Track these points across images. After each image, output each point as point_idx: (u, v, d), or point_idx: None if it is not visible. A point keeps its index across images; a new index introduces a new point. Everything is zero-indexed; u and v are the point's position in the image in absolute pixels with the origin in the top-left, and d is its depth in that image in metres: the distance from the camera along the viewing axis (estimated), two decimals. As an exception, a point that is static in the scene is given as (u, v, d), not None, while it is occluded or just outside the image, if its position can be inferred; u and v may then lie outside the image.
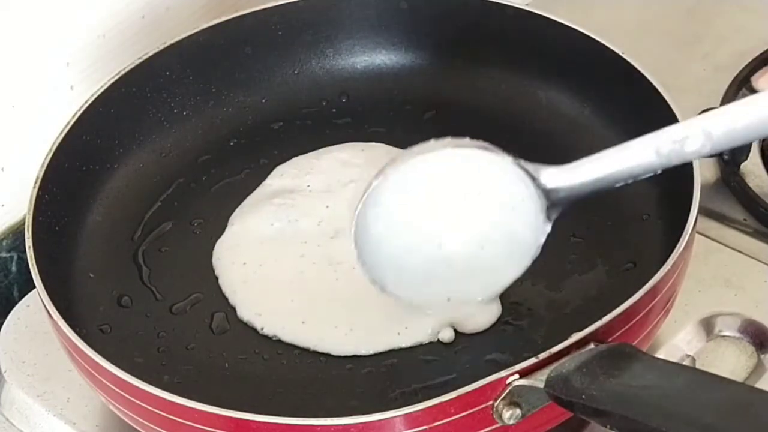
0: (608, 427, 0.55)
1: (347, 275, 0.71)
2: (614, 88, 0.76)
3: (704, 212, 0.78)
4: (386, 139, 0.80)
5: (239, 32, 0.82)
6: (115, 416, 0.66)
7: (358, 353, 0.68)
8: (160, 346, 0.69)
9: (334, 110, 0.83)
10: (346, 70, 0.84)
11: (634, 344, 0.60)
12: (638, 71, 0.74)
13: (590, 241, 0.72)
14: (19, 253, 0.82)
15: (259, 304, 0.70)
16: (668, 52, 0.93)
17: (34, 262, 0.66)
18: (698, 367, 0.69)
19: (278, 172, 0.78)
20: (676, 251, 0.63)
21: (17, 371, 0.73)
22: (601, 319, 0.60)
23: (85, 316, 0.69)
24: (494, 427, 0.59)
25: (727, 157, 0.81)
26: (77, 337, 0.62)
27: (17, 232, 0.81)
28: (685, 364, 0.67)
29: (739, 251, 0.77)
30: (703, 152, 0.59)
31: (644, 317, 0.62)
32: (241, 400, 0.60)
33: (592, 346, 0.59)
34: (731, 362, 0.71)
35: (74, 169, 0.74)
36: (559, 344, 0.58)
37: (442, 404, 0.57)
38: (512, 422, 0.58)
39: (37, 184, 0.70)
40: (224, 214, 0.76)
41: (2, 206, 0.81)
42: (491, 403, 0.58)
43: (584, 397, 0.55)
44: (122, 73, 0.77)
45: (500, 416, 0.58)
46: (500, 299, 0.69)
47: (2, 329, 0.76)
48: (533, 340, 0.67)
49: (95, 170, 0.76)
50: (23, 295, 0.78)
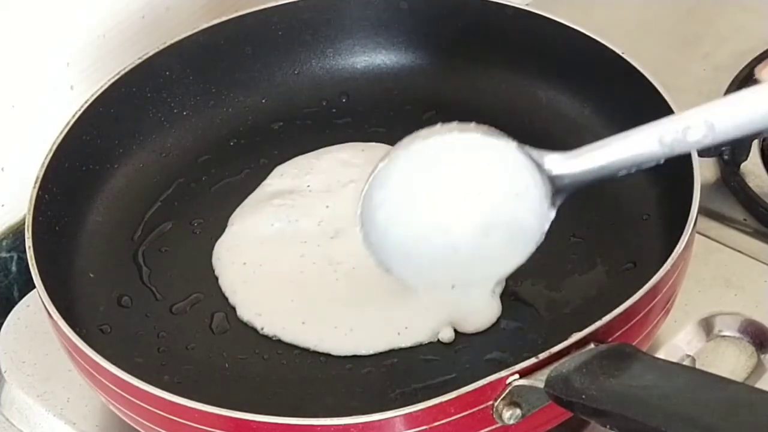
0: (608, 427, 0.55)
1: (347, 275, 0.71)
2: (614, 88, 0.76)
3: (704, 212, 0.78)
4: (386, 139, 0.79)
5: (239, 32, 0.82)
6: (115, 416, 0.66)
7: (358, 353, 0.67)
8: (160, 346, 0.69)
9: (334, 110, 0.83)
10: (346, 70, 0.84)
11: (634, 344, 0.60)
12: (638, 71, 0.74)
13: (590, 241, 0.72)
14: (19, 253, 0.81)
15: (259, 304, 0.70)
16: (668, 52, 0.93)
17: (34, 262, 0.66)
18: (698, 367, 0.69)
19: (278, 172, 0.78)
20: (676, 251, 0.63)
21: (17, 371, 0.73)
22: (601, 319, 0.60)
23: (85, 316, 0.69)
24: (494, 427, 0.59)
25: (727, 157, 0.81)
26: (77, 337, 0.62)
27: (17, 232, 0.81)
28: (685, 364, 0.67)
29: (739, 251, 0.77)
30: (705, 142, 0.60)
31: (644, 317, 0.62)
32: (241, 400, 0.60)
33: (592, 346, 0.59)
34: (731, 362, 0.71)
35: (74, 169, 0.74)
36: (559, 344, 0.58)
37: (442, 404, 0.57)
38: (512, 422, 0.58)
39: (37, 184, 0.70)
40: (224, 214, 0.76)
41: (2, 206, 0.81)
42: (491, 403, 0.58)
43: (584, 397, 0.55)
44: (122, 73, 0.77)
45: (500, 416, 0.58)
46: (500, 299, 0.69)
47: (2, 329, 0.76)
48: (533, 340, 0.67)
49: (95, 170, 0.76)
50: (23, 295, 0.78)
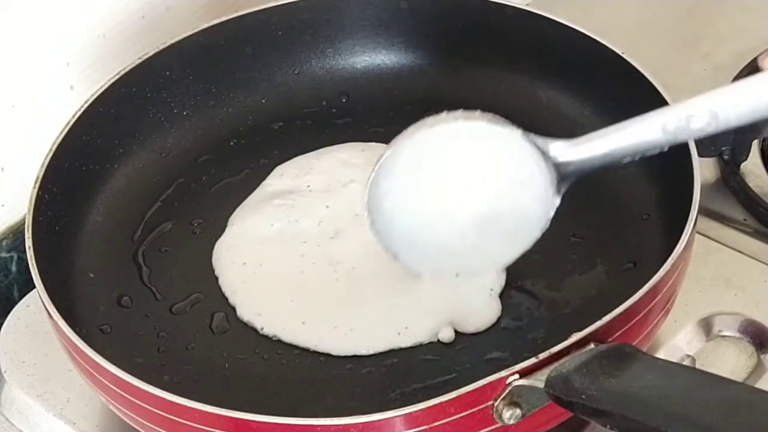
0: (608, 427, 0.55)
1: (347, 275, 0.71)
2: (614, 88, 0.76)
3: (704, 212, 0.78)
4: (386, 139, 0.78)
5: (239, 32, 0.82)
6: (115, 416, 0.66)
7: (358, 353, 0.67)
8: (160, 346, 0.69)
9: (334, 110, 0.83)
10: (346, 70, 0.84)
11: (634, 344, 0.60)
12: (638, 71, 0.74)
13: (590, 241, 0.72)
14: (19, 253, 0.81)
15: (259, 304, 0.70)
16: (668, 52, 0.93)
17: (34, 262, 0.66)
18: (698, 367, 0.69)
19: (278, 172, 0.78)
20: (676, 251, 0.63)
21: (17, 371, 0.73)
22: (601, 319, 0.60)
23: (85, 316, 0.69)
24: (494, 427, 0.59)
25: (727, 157, 0.81)
26: (77, 337, 0.62)
27: (17, 232, 0.81)
28: (685, 364, 0.67)
29: (739, 251, 0.77)
30: (708, 130, 0.60)
31: (644, 317, 0.62)
32: (241, 400, 0.60)
33: (592, 346, 0.59)
34: (731, 362, 0.71)
35: (74, 169, 0.74)
36: (559, 344, 0.58)
37: (442, 404, 0.57)
38: (512, 422, 0.58)
39: (37, 184, 0.70)
40: (224, 214, 0.76)
41: (2, 206, 0.81)
42: (491, 403, 0.58)
43: (584, 397, 0.55)
44: (122, 73, 0.77)
45: (500, 416, 0.58)
46: (500, 299, 0.69)
47: (2, 329, 0.76)
48: (533, 340, 0.67)
49: (95, 170, 0.76)
50: (23, 295, 0.78)
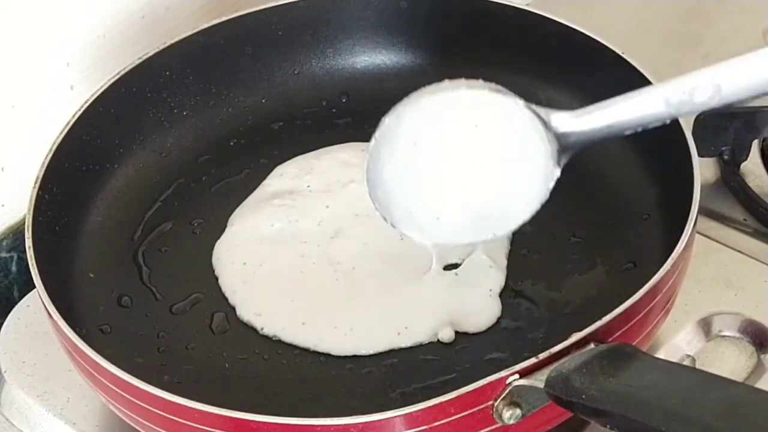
0: (608, 427, 0.55)
1: (347, 275, 0.71)
2: (614, 88, 0.76)
3: (704, 212, 0.78)
4: (386, 139, 0.79)
5: (239, 32, 0.82)
6: (115, 416, 0.66)
7: (358, 353, 0.67)
8: (160, 346, 0.69)
9: (334, 110, 0.83)
10: (346, 70, 0.84)
11: (634, 344, 0.60)
12: (638, 71, 0.74)
13: (590, 241, 0.72)
14: (19, 253, 0.81)
15: (259, 304, 0.70)
16: (668, 52, 0.93)
17: (34, 262, 0.66)
18: (698, 367, 0.69)
19: (278, 172, 0.78)
20: (676, 251, 0.63)
21: (17, 371, 0.73)
22: (601, 319, 0.60)
23: (85, 316, 0.69)
24: (494, 427, 0.59)
25: (727, 157, 0.81)
26: (77, 337, 0.62)
27: (17, 232, 0.81)
28: (685, 364, 0.67)
29: (739, 251, 0.77)
30: (711, 104, 0.59)
31: (644, 317, 0.62)
32: (241, 400, 0.60)
33: (592, 346, 0.59)
34: (731, 362, 0.71)
35: (74, 169, 0.74)
36: (559, 344, 0.58)
37: (442, 404, 0.57)
38: (512, 422, 0.58)
39: (37, 184, 0.70)
40: (224, 214, 0.76)
41: (2, 206, 0.81)
42: (491, 403, 0.58)
43: (584, 397, 0.55)
44: (122, 73, 0.77)
45: (500, 416, 0.58)
46: (500, 299, 0.69)
47: (2, 329, 0.76)
48: (533, 340, 0.67)
49: (95, 170, 0.76)
50: (23, 295, 0.78)
